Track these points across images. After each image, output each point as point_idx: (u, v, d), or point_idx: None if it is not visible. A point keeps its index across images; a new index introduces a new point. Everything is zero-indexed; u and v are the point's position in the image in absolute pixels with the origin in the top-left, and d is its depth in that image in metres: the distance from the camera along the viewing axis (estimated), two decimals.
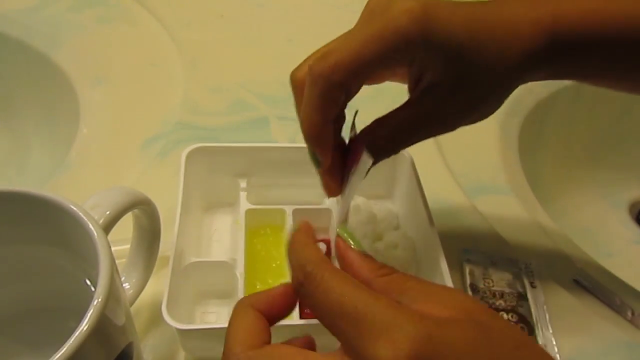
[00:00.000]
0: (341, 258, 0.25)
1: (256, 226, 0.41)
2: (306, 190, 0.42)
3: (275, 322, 0.24)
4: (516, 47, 0.31)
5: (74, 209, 0.27)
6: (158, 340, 0.38)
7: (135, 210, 0.32)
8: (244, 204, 0.41)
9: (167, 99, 0.58)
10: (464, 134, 0.35)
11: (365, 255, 0.25)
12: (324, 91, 0.29)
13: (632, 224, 0.64)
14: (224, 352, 0.23)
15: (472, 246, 0.45)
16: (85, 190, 0.36)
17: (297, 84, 0.32)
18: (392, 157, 0.33)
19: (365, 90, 0.31)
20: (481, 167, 0.53)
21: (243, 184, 0.43)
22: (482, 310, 0.22)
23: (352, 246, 0.25)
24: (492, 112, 0.34)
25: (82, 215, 0.26)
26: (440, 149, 0.53)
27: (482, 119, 0.34)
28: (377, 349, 0.19)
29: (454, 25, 0.30)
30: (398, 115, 0.32)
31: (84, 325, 0.22)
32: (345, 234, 0.26)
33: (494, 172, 0.53)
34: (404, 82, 0.34)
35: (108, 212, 0.29)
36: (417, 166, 0.42)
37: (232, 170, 0.43)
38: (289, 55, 0.65)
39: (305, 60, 0.33)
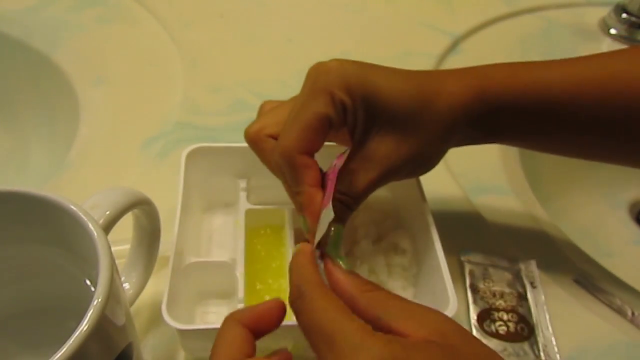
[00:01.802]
0: (329, 277, 0.27)
1: (256, 226, 0.41)
2: None
3: (262, 336, 0.26)
4: (445, 100, 0.34)
5: (74, 209, 0.27)
6: (158, 340, 0.38)
7: (135, 210, 0.32)
8: (244, 204, 0.41)
9: (167, 99, 0.58)
10: None
11: (351, 273, 0.27)
12: (294, 163, 0.32)
13: (632, 224, 0.64)
14: None
15: (472, 246, 0.45)
16: (85, 190, 0.36)
17: (249, 138, 0.36)
18: None
19: None
20: (481, 167, 0.53)
21: (243, 184, 0.43)
22: (458, 334, 0.23)
23: (341, 265, 0.27)
24: (429, 165, 0.37)
25: (82, 215, 0.26)
26: None
27: (420, 172, 0.38)
28: None
29: (383, 86, 0.33)
30: (360, 178, 0.34)
31: (84, 325, 0.22)
32: (333, 254, 0.28)
33: (494, 172, 0.53)
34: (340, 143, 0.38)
35: (108, 212, 0.29)
36: None
37: (232, 170, 0.43)
38: (289, 55, 0.65)
39: (256, 120, 0.37)
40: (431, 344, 0.22)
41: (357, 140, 0.34)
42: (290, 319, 0.27)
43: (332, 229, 0.30)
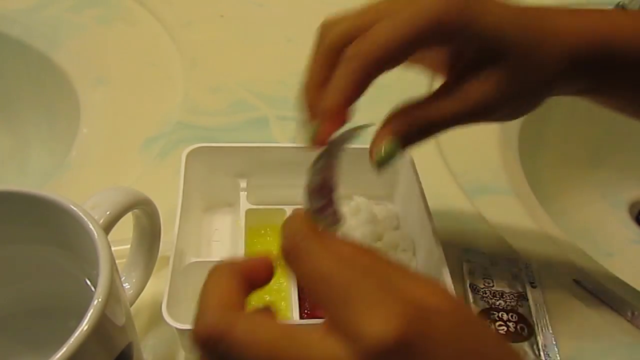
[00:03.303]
0: (320, 240, 0.23)
1: (256, 226, 0.41)
2: None
3: (252, 290, 0.23)
4: (557, 43, 0.31)
5: (74, 209, 0.27)
6: (158, 340, 0.38)
7: (135, 210, 0.32)
8: (244, 204, 0.41)
9: (167, 99, 0.58)
10: (464, 134, 0.35)
11: (347, 237, 0.24)
12: (363, 68, 0.29)
13: (632, 224, 0.64)
14: (196, 313, 0.22)
15: (472, 246, 0.45)
16: (85, 190, 0.36)
17: (332, 36, 0.32)
18: None
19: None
20: (481, 167, 0.53)
21: (243, 184, 0.43)
22: (463, 305, 0.22)
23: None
24: (527, 110, 0.34)
25: (82, 215, 0.26)
26: (440, 149, 0.53)
27: (516, 116, 0.34)
28: (365, 323, 0.19)
29: (495, 15, 0.30)
30: (440, 105, 0.31)
31: (84, 325, 0.23)
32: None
33: (494, 172, 0.53)
34: (431, 69, 0.34)
35: (108, 212, 0.29)
36: (417, 166, 0.42)
37: (232, 170, 0.43)
38: (289, 55, 0.65)
39: (341, 20, 0.32)
40: (448, 308, 0.20)
41: (455, 73, 0.31)
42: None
43: (384, 143, 0.29)
